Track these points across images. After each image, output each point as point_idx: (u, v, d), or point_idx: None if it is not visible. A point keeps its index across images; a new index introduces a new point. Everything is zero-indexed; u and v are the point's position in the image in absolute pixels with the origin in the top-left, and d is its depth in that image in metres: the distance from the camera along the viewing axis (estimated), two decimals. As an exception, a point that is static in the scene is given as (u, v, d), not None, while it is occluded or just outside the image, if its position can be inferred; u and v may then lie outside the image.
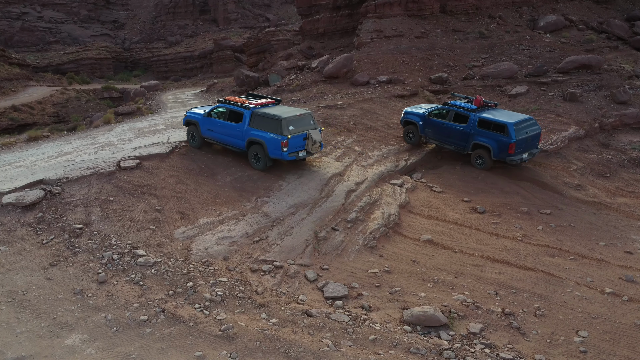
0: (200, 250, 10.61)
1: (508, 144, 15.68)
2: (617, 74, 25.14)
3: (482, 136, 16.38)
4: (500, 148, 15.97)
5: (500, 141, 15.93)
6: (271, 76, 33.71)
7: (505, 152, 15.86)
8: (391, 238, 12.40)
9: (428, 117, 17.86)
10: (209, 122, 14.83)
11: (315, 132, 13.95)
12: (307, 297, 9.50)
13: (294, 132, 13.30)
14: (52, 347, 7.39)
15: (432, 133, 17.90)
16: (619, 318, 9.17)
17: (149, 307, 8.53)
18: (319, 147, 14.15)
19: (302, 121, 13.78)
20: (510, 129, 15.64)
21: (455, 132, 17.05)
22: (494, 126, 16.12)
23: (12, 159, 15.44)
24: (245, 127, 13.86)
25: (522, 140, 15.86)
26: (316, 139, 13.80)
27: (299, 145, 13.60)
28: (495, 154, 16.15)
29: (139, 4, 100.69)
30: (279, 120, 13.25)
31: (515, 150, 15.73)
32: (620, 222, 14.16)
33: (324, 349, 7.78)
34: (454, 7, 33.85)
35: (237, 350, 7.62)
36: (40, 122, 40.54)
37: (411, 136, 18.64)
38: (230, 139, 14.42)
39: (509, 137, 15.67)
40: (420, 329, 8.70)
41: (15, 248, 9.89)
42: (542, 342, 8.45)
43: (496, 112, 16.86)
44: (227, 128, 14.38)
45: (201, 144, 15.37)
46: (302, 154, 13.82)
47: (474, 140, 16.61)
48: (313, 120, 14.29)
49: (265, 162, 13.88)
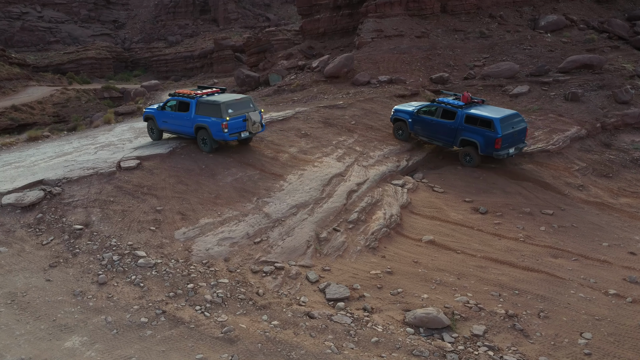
0: (201, 251, 10.54)
1: (494, 139, 15.86)
2: (619, 73, 25.04)
3: (469, 132, 16.61)
4: (486, 143, 16.14)
5: (486, 136, 16.11)
6: (271, 76, 33.62)
7: (492, 147, 16.02)
8: (393, 239, 12.33)
9: (417, 114, 18.17)
10: (163, 114, 15.88)
11: (255, 113, 14.94)
12: (309, 299, 9.43)
13: (233, 114, 14.35)
14: (52, 350, 7.32)
15: (421, 129, 18.22)
16: (623, 320, 9.09)
17: (149, 308, 8.47)
18: (259, 127, 15.15)
19: (241, 105, 14.85)
20: (496, 124, 15.83)
21: (443, 128, 17.30)
22: (480, 122, 16.34)
23: (12, 159, 15.39)
24: (192, 115, 14.90)
25: (508, 135, 16.03)
26: (255, 119, 14.82)
27: (240, 127, 14.64)
28: (482, 149, 16.34)
29: (139, 3, 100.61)
30: (218, 104, 14.31)
31: (501, 145, 15.91)
32: (623, 223, 14.07)
33: (326, 352, 7.71)
34: (455, 7, 33.75)
35: (238, 353, 7.55)
36: (41, 122, 40.51)
37: (401, 132, 19.02)
38: (182, 128, 15.49)
39: (495, 132, 15.84)
40: (423, 331, 8.63)
41: (15, 249, 9.83)
42: (546, 344, 8.38)
43: (483, 108, 17.09)
44: (178, 118, 15.43)
45: (160, 137, 16.47)
46: (244, 135, 14.93)
47: (462, 136, 16.83)
48: (252, 103, 15.36)
49: (211, 144, 14.88)
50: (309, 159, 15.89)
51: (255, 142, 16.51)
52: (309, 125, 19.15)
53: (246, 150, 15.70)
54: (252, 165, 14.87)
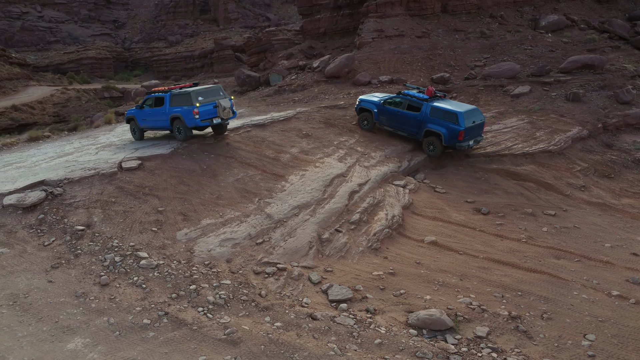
0: (203, 252, 10.51)
1: (458, 131, 16.63)
2: (620, 73, 25.01)
3: (433, 124, 17.38)
4: (450, 135, 16.91)
5: (450, 128, 16.87)
6: (272, 76, 33.59)
7: (455, 138, 16.80)
8: (395, 240, 12.31)
9: (383, 105, 18.84)
10: (142, 113, 16.66)
11: (225, 100, 15.68)
12: (311, 300, 9.40)
13: (203, 101, 15.20)
14: (54, 352, 7.30)
15: (387, 120, 18.91)
16: (627, 321, 9.06)
17: (151, 310, 8.44)
18: (230, 112, 15.80)
19: (210, 93, 15.65)
20: (460, 117, 16.60)
21: (409, 119, 18.10)
22: (445, 114, 17.07)
23: (13, 160, 15.37)
24: (167, 108, 15.76)
25: (469, 128, 16.86)
26: (225, 105, 15.59)
27: (211, 113, 15.38)
28: (446, 140, 17.10)
29: (140, 3, 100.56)
30: (188, 94, 15.25)
31: (464, 137, 16.73)
32: (626, 224, 14.05)
33: (329, 353, 7.68)
34: (456, 7, 33.72)
35: (241, 355, 7.52)
36: (41, 122, 40.50)
37: (366, 123, 19.51)
38: (159, 122, 16.24)
39: (459, 124, 16.60)
40: (426, 333, 8.60)
41: (17, 250, 9.79)
42: (550, 346, 8.35)
43: (446, 102, 17.88)
44: (155, 114, 16.21)
45: (141, 136, 17.20)
46: (215, 121, 15.59)
47: (426, 128, 17.60)
48: (222, 91, 16.08)
49: (185, 132, 15.59)
50: (310, 160, 15.87)
51: (256, 142, 16.49)
52: (310, 126, 19.13)
53: (247, 151, 15.68)
54: (254, 165, 14.85)
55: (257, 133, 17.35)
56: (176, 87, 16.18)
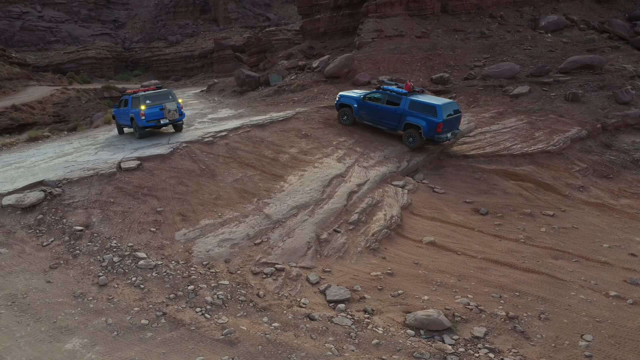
0: (201, 253, 10.52)
1: (436, 123, 17.18)
2: (619, 74, 25.02)
3: (413, 117, 18.00)
4: (429, 127, 17.45)
5: (429, 121, 17.43)
6: (272, 76, 33.60)
7: (434, 130, 17.33)
8: (393, 240, 12.32)
9: (363, 100, 19.40)
10: (119, 112, 18.87)
11: (171, 103, 17.34)
12: (309, 301, 9.41)
13: (150, 104, 17.01)
14: (52, 352, 7.31)
15: (367, 114, 19.47)
16: (624, 322, 9.08)
17: (149, 310, 8.45)
18: (175, 114, 17.39)
19: (158, 97, 17.46)
20: (439, 110, 17.17)
21: (389, 113, 18.63)
22: (424, 107, 17.67)
23: (12, 160, 15.38)
24: (129, 109, 17.68)
25: (447, 121, 17.42)
26: (171, 108, 17.20)
27: (158, 115, 17.08)
28: (425, 132, 17.64)
29: (140, 3, 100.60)
30: (138, 97, 17.27)
31: (442, 129, 17.23)
32: (624, 224, 14.06)
33: (326, 354, 7.70)
34: (455, 7, 33.75)
35: (238, 355, 7.54)
36: (41, 122, 40.48)
37: (346, 118, 20.08)
38: (126, 121, 18.24)
39: (438, 117, 17.15)
40: (424, 333, 8.62)
41: (15, 250, 9.81)
42: (547, 346, 8.36)
43: (424, 96, 18.61)
44: (123, 113, 18.38)
45: (121, 131, 19.42)
46: (163, 121, 17.24)
47: (406, 121, 18.21)
48: (172, 95, 17.85)
49: (138, 131, 17.32)
50: (309, 160, 15.88)
51: (255, 142, 16.51)
52: (309, 126, 19.15)
53: (246, 151, 15.70)
54: (253, 166, 14.86)
55: (256, 133, 17.37)
56: (140, 90, 18.27)
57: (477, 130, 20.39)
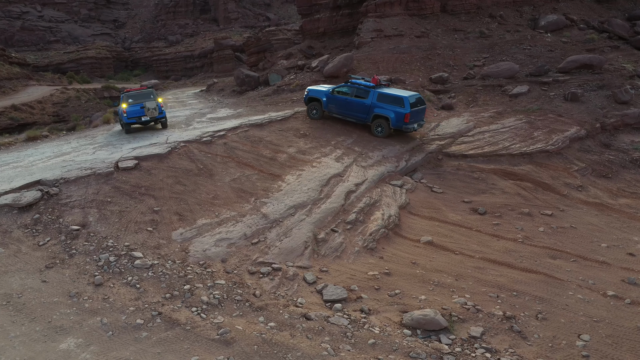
0: (198, 252, 10.49)
1: (404, 114, 17.97)
2: (619, 73, 24.99)
3: (381, 108, 18.70)
4: (397, 118, 18.23)
5: (397, 112, 18.21)
6: (271, 76, 33.58)
7: (402, 121, 18.13)
8: (391, 240, 12.30)
9: (332, 94, 19.87)
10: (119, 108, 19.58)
11: (151, 102, 18.25)
12: (306, 300, 9.38)
13: (131, 103, 18.32)
14: (47, 352, 7.28)
15: (336, 107, 19.95)
16: (622, 321, 9.05)
17: (145, 310, 8.42)
18: (155, 112, 18.24)
19: (140, 96, 18.72)
20: (406, 102, 17.96)
21: (358, 105, 19.23)
22: (392, 99, 18.38)
23: (10, 159, 15.36)
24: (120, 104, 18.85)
25: (414, 112, 18.26)
26: (150, 107, 18.11)
27: (138, 112, 18.14)
28: (394, 123, 18.40)
29: (140, 3, 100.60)
30: (120, 96, 18.76)
31: (409, 120, 17.99)
32: (622, 224, 14.03)
33: (322, 354, 7.67)
34: (455, 7, 33.70)
35: (234, 355, 7.51)
36: (40, 122, 40.44)
37: (315, 112, 20.39)
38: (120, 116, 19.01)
39: (405, 108, 17.95)
40: (420, 333, 8.58)
41: (11, 250, 9.78)
42: (544, 346, 8.33)
43: (391, 89, 19.34)
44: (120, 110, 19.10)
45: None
46: (144, 119, 18.22)
47: (374, 112, 18.89)
48: (153, 95, 19.02)
49: (124, 126, 18.51)
50: (307, 159, 15.86)
51: (253, 142, 16.48)
52: (307, 126, 19.13)
53: (244, 150, 15.67)
54: (251, 165, 14.84)
55: (254, 133, 17.34)
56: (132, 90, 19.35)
57: (476, 129, 20.35)
